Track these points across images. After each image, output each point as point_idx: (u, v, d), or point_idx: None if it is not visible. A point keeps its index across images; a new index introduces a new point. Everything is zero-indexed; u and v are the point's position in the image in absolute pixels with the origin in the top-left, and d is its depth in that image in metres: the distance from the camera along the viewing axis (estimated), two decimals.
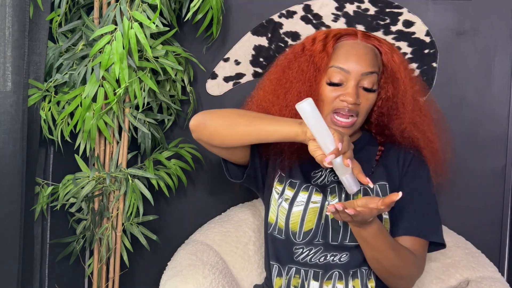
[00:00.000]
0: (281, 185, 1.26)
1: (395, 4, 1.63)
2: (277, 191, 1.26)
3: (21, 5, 1.36)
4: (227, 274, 1.40)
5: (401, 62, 1.26)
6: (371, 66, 1.20)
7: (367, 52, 1.22)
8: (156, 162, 1.66)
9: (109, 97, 1.46)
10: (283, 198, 1.24)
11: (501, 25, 1.60)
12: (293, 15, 1.67)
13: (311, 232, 1.21)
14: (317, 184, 1.25)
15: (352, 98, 1.17)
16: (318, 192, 1.23)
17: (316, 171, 1.27)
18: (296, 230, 1.22)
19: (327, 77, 1.21)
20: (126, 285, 1.77)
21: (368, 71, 1.19)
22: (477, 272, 1.38)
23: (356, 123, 1.21)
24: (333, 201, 1.21)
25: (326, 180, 1.25)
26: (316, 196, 1.22)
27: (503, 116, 1.62)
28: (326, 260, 1.20)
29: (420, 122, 1.27)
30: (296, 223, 1.22)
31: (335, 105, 1.20)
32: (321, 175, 1.26)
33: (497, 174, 1.62)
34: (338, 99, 1.19)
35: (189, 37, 1.71)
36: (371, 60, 1.21)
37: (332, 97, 1.20)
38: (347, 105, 1.18)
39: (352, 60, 1.20)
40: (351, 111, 1.19)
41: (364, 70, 1.19)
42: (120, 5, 1.41)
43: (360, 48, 1.22)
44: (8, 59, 1.35)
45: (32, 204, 1.52)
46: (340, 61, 1.20)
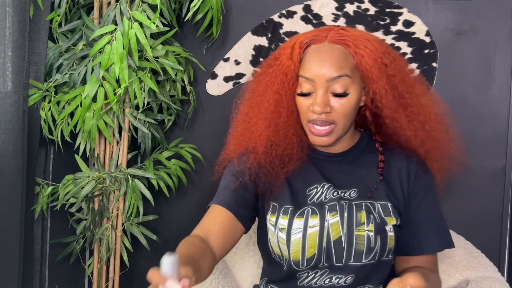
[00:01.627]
0: (274, 216, 1.18)
1: (395, 4, 1.63)
2: (271, 223, 1.19)
3: (21, 5, 1.36)
4: (227, 274, 1.40)
5: (375, 61, 1.12)
6: (338, 70, 1.10)
7: (332, 56, 1.11)
8: (156, 162, 1.66)
9: (109, 97, 1.46)
10: (279, 228, 1.16)
11: (501, 25, 1.60)
12: (293, 15, 1.67)
13: (314, 257, 1.15)
14: (314, 203, 1.17)
15: (319, 108, 1.10)
16: (314, 214, 1.16)
17: (311, 187, 1.19)
18: (298, 259, 1.15)
19: (299, 87, 1.14)
20: (126, 285, 1.77)
21: (334, 76, 1.10)
22: (477, 272, 1.38)
23: (335, 130, 1.14)
24: (332, 219, 1.14)
25: (324, 197, 1.18)
26: (313, 220, 1.15)
27: (503, 116, 1.62)
28: (331, 282, 1.15)
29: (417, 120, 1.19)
30: (297, 251, 1.15)
31: (309, 117, 1.13)
32: (317, 192, 1.19)
33: (497, 174, 1.62)
34: (309, 110, 1.13)
35: (189, 37, 1.71)
36: (338, 63, 1.10)
37: (305, 107, 1.14)
38: (318, 116, 1.11)
39: (315, 67, 1.11)
40: (324, 122, 1.12)
41: (329, 75, 1.10)
42: (120, 5, 1.41)
43: (324, 53, 1.12)
44: (8, 59, 1.35)
45: (32, 204, 1.52)
46: (305, 70, 1.12)
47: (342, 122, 1.14)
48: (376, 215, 1.14)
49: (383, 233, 1.14)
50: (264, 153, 1.19)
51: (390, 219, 1.15)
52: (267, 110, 1.17)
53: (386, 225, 1.14)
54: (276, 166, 1.19)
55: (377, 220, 1.13)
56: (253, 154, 1.21)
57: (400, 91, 1.16)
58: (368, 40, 1.14)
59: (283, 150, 1.18)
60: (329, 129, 1.13)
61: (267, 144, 1.18)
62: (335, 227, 1.14)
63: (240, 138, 1.25)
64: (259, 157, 1.19)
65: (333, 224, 1.14)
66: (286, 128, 1.17)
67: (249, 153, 1.22)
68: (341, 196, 1.17)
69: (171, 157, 1.67)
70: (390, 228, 1.15)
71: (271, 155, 1.19)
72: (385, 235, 1.14)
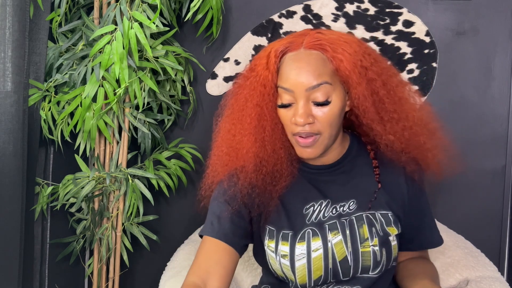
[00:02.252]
0: (273, 241, 1.13)
1: (395, 4, 1.63)
2: (271, 249, 1.14)
3: (21, 5, 1.36)
4: None
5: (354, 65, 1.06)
6: (317, 78, 1.04)
7: (309, 63, 1.05)
8: (156, 162, 1.66)
9: (109, 97, 1.46)
10: (280, 255, 1.12)
11: (501, 25, 1.60)
12: (293, 15, 1.67)
13: (321, 278, 1.12)
14: (312, 223, 1.12)
15: (301, 119, 1.04)
16: (315, 236, 1.11)
17: (307, 206, 1.14)
18: (305, 282, 1.12)
19: (279, 98, 1.08)
20: (126, 285, 1.77)
21: (313, 84, 1.04)
22: (476, 272, 1.38)
23: (321, 140, 1.08)
24: (335, 239, 1.10)
25: (322, 215, 1.13)
26: (315, 243, 1.11)
27: (503, 116, 1.62)
28: None
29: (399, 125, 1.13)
30: (303, 276, 1.11)
31: (293, 129, 1.08)
32: (314, 210, 1.14)
33: (497, 174, 1.62)
34: (291, 123, 1.07)
35: (189, 37, 1.71)
36: (316, 71, 1.04)
37: (287, 119, 1.08)
38: (301, 128, 1.06)
39: (293, 76, 1.04)
40: (308, 134, 1.06)
41: (308, 84, 1.04)
42: (120, 5, 1.41)
43: (301, 60, 1.05)
44: (8, 59, 1.35)
45: (32, 204, 1.52)
46: (283, 80, 1.06)
47: (328, 131, 1.08)
48: (379, 227, 1.11)
49: (387, 245, 1.11)
50: (254, 171, 1.12)
51: (391, 230, 1.12)
52: (250, 125, 1.11)
53: (389, 236, 1.12)
54: (268, 183, 1.13)
55: (380, 233, 1.10)
56: (242, 174, 1.14)
57: (381, 96, 1.09)
58: (347, 42, 1.07)
59: (273, 166, 1.12)
60: (313, 139, 1.07)
61: (256, 161, 1.12)
62: (339, 246, 1.10)
63: (226, 158, 1.18)
64: (249, 176, 1.13)
65: (336, 244, 1.10)
66: (273, 142, 1.11)
67: (238, 173, 1.15)
68: (341, 212, 1.13)
69: (171, 157, 1.67)
70: (393, 237, 1.12)
71: (261, 172, 1.12)
72: (389, 246, 1.12)
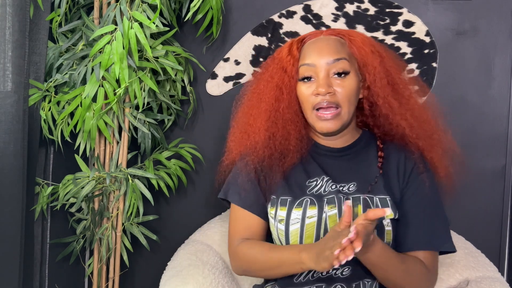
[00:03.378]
0: (273, 208, 1.22)
1: (395, 4, 1.63)
2: (271, 216, 1.23)
3: (21, 5, 1.36)
4: (227, 274, 1.40)
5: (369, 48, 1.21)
6: (336, 54, 1.18)
7: (329, 44, 1.20)
8: (156, 162, 1.66)
9: (109, 97, 1.46)
10: (278, 220, 1.20)
11: (501, 25, 1.60)
12: (293, 15, 1.67)
13: None
14: (313, 194, 1.20)
15: (323, 89, 1.16)
16: (312, 205, 1.19)
17: (311, 179, 1.22)
18: None
19: (300, 75, 1.21)
20: (126, 285, 1.77)
21: (333, 58, 1.18)
22: (477, 272, 1.38)
23: (341, 114, 1.18)
24: (330, 211, 1.17)
25: (323, 189, 1.20)
26: (311, 210, 1.18)
27: (503, 116, 1.62)
28: (329, 273, 1.17)
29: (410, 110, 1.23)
30: (295, 242, 1.18)
31: (313, 102, 1.18)
32: (317, 184, 1.22)
33: (497, 174, 1.62)
34: (313, 95, 1.18)
35: (189, 37, 1.71)
36: (335, 49, 1.19)
37: (308, 94, 1.19)
38: (322, 97, 1.17)
39: (315, 53, 1.19)
40: (329, 103, 1.17)
41: (328, 59, 1.18)
42: (120, 5, 1.41)
43: (322, 42, 1.21)
44: (8, 59, 1.35)
45: (32, 204, 1.52)
46: (305, 59, 1.20)
47: (346, 105, 1.18)
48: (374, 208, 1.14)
49: (379, 227, 1.16)
50: (264, 146, 1.23)
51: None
52: (267, 104, 1.23)
53: (383, 219, 1.16)
54: (276, 159, 1.23)
55: None
56: (253, 150, 1.25)
57: (395, 81, 1.22)
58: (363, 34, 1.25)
59: (281, 142, 1.22)
60: (335, 112, 1.17)
61: (266, 137, 1.23)
62: (333, 219, 1.17)
63: (241, 136, 1.29)
64: (258, 151, 1.23)
65: (330, 216, 1.17)
66: (284, 121, 1.22)
67: (250, 148, 1.25)
68: (340, 189, 1.20)
69: (171, 157, 1.67)
70: (388, 222, 1.17)
71: (270, 147, 1.23)
72: (381, 229, 1.16)
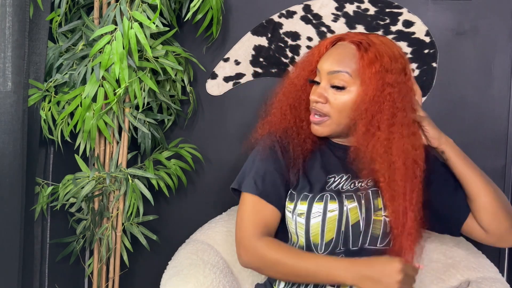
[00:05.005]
0: (292, 203, 1.21)
1: (395, 4, 1.63)
2: (288, 210, 1.22)
3: (21, 5, 1.36)
4: (228, 274, 1.40)
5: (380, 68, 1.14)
6: (338, 65, 1.16)
7: (340, 52, 1.19)
8: (156, 162, 1.66)
9: (109, 97, 1.46)
10: (297, 214, 1.20)
11: (501, 25, 1.60)
12: (293, 15, 1.67)
13: (332, 241, 1.18)
14: (332, 190, 1.21)
15: (313, 96, 1.19)
16: (333, 199, 1.19)
17: (330, 175, 1.23)
18: (317, 242, 1.18)
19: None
20: (126, 285, 1.77)
21: (334, 70, 1.17)
22: (477, 273, 1.38)
23: (328, 123, 1.18)
24: (350, 205, 1.18)
25: (341, 186, 1.22)
26: (332, 205, 1.18)
27: (503, 116, 1.62)
28: None
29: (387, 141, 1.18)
30: (317, 235, 1.18)
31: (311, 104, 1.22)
32: (335, 181, 1.23)
33: (497, 174, 1.62)
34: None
35: (189, 37, 1.71)
36: (342, 59, 1.17)
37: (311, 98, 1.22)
38: (314, 105, 1.19)
39: (323, 60, 1.20)
40: (316, 111, 1.19)
41: (330, 68, 1.17)
42: (120, 5, 1.41)
43: (337, 48, 1.20)
44: (8, 59, 1.35)
45: (32, 204, 1.52)
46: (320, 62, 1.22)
47: (336, 117, 1.18)
48: None
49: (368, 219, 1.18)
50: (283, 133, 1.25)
51: None
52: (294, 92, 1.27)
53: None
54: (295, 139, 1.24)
55: None
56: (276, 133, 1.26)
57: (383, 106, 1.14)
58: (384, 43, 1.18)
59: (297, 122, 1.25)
60: (320, 119, 1.19)
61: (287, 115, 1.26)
62: (354, 211, 1.18)
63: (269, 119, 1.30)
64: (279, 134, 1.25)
65: (351, 209, 1.18)
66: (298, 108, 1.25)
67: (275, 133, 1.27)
68: (358, 187, 1.21)
69: (171, 157, 1.67)
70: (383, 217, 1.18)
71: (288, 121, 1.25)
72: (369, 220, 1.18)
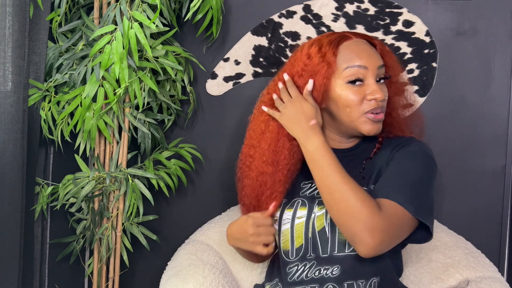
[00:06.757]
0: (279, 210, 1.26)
1: (395, 4, 1.63)
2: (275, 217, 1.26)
3: (21, 5, 1.36)
4: (227, 274, 1.40)
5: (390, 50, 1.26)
6: (380, 59, 1.20)
7: (369, 47, 1.21)
8: (156, 162, 1.66)
9: (109, 97, 1.46)
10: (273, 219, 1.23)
11: (501, 25, 1.60)
12: (293, 15, 1.67)
13: (302, 247, 1.19)
14: (305, 196, 1.23)
15: (380, 95, 1.15)
16: (303, 206, 1.21)
17: (306, 182, 1.25)
18: (288, 248, 1.21)
19: (342, 79, 1.17)
20: (126, 285, 1.77)
21: (381, 63, 1.19)
22: (477, 272, 1.38)
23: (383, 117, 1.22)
24: (320, 212, 1.19)
25: (316, 192, 1.23)
26: (301, 211, 1.21)
27: (503, 116, 1.62)
28: (320, 274, 1.18)
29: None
30: (287, 241, 1.21)
31: (364, 108, 1.17)
32: (311, 187, 1.24)
33: (497, 174, 1.62)
34: (365, 100, 1.17)
35: (189, 37, 1.71)
36: (376, 53, 1.21)
37: (357, 99, 1.17)
38: (376, 102, 1.16)
39: (364, 56, 1.17)
40: (382, 108, 1.19)
41: (378, 63, 1.19)
42: (120, 5, 1.41)
43: (362, 45, 1.20)
44: (8, 59, 1.35)
45: (32, 204, 1.52)
46: (353, 60, 1.17)
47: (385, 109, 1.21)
48: None
49: None
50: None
51: None
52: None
53: None
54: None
55: None
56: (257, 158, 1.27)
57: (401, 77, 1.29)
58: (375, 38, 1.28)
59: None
60: (382, 114, 1.19)
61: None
62: (320, 218, 1.18)
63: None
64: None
65: (318, 216, 1.19)
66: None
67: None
68: None
69: (171, 157, 1.67)
70: None
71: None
72: None
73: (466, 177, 1.63)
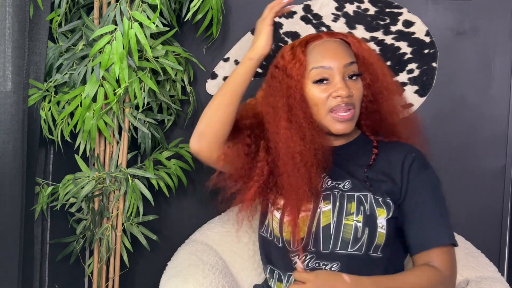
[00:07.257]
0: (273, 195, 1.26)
1: (395, 4, 1.63)
2: (270, 202, 1.27)
3: (21, 5, 1.36)
4: (227, 274, 1.40)
5: (369, 48, 1.28)
6: (349, 57, 1.22)
7: (338, 46, 1.23)
8: (156, 162, 1.66)
9: (109, 97, 1.46)
10: (275, 207, 1.24)
11: (501, 25, 1.60)
12: (293, 15, 1.67)
13: (303, 240, 1.20)
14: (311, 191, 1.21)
15: (344, 92, 1.18)
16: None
17: None
18: (289, 238, 1.21)
19: (310, 79, 1.22)
20: (126, 285, 1.77)
21: (348, 62, 1.21)
22: (477, 272, 1.38)
23: (355, 115, 1.22)
24: (325, 207, 1.19)
25: (320, 186, 1.23)
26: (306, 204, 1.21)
27: (503, 116, 1.62)
28: (320, 267, 1.18)
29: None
30: (288, 232, 1.21)
31: (330, 105, 1.20)
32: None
33: (497, 174, 1.62)
34: (330, 97, 1.20)
35: (189, 37, 1.71)
36: (345, 51, 1.23)
37: (323, 97, 1.20)
38: (342, 99, 1.19)
39: (329, 56, 1.21)
40: (347, 105, 1.19)
41: (344, 61, 1.21)
42: (120, 5, 1.41)
43: (331, 44, 1.23)
44: (8, 59, 1.35)
45: (32, 204, 1.53)
46: (319, 61, 1.21)
47: (358, 106, 1.23)
48: (367, 206, 1.17)
49: (372, 227, 1.16)
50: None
51: (380, 211, 1.17)
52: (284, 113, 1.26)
53: (376, 218, 1.16)
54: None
55: (367, 212, 1.16)
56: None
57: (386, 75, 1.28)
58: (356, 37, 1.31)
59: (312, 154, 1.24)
60: (351, 113, 1.20)
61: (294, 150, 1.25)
62: (326, 214, 1.18)
63: None
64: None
65: (325, 212, 1.19)
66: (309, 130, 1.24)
67: None
68: (335, 185, 1.21)
69: (171, 157, 1.67)
70: (383, 225, 1.16)
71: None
72: (374, 229, 1.16)
73: (466, 177, 1.63)
